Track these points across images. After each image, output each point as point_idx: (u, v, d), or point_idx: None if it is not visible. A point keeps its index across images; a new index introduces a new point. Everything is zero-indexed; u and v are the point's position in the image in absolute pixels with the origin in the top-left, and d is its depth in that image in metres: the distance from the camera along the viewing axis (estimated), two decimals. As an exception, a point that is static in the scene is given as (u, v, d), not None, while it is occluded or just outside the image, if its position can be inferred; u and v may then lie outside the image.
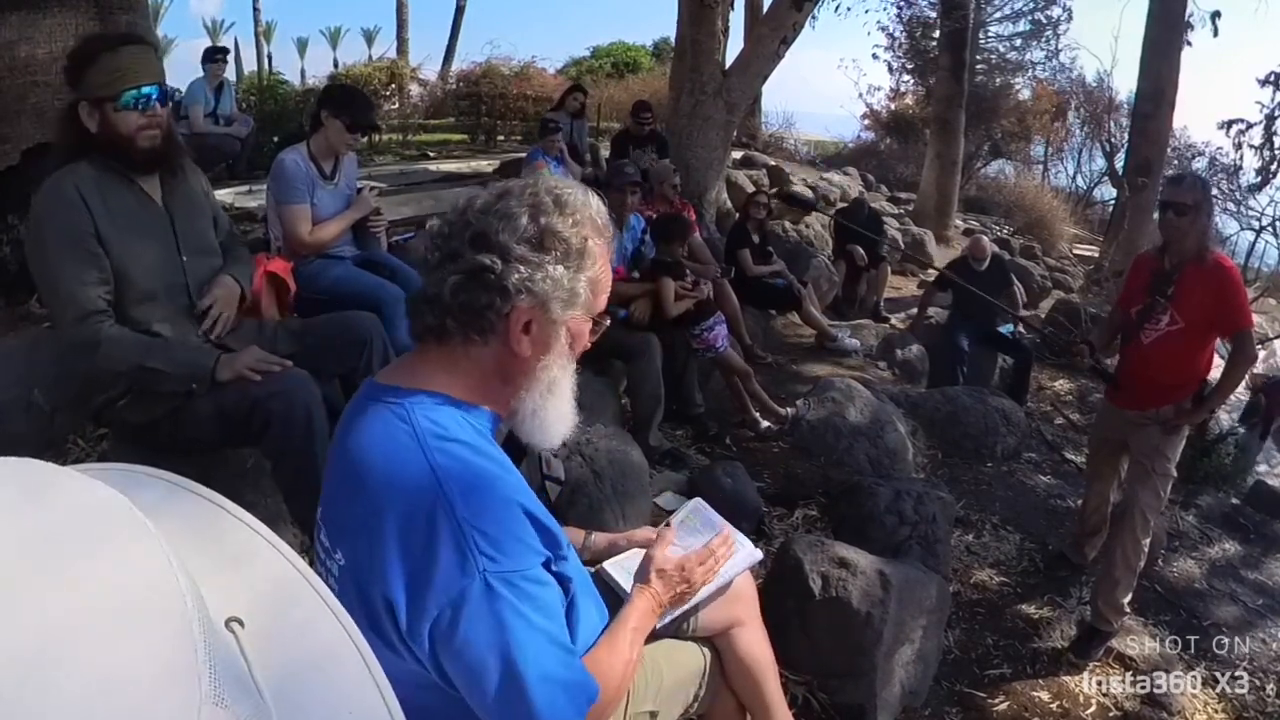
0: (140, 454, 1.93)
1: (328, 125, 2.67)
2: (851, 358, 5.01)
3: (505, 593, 0.84)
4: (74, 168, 1.68)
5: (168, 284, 1.80)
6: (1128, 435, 2.80)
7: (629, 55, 17.69)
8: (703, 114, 5.97)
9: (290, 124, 7.18)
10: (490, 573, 0.83)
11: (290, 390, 1.76)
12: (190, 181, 1.90)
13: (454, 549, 0.84)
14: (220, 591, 0.48)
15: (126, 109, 1.68)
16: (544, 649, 0.87)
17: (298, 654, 0.51)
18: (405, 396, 0.95)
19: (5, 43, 2.55)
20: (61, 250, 1.64)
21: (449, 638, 0.84)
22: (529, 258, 0.93)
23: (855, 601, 2.10)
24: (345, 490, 0.95)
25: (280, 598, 0.54)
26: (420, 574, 0.85)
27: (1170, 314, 2.65)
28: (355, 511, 0.92)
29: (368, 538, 0.88)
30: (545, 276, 0.94)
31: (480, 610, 0.83)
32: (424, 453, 0.89)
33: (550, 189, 0.97)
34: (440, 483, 0.87)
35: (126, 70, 1.68)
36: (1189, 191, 2.61)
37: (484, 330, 0.95)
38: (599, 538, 1.44)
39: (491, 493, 0.88)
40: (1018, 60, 15.59)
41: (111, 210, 1.69)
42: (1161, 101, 8.63)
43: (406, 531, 0.86)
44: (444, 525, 0.85)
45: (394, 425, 0.93)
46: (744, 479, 2.97)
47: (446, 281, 0.93)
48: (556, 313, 0.96)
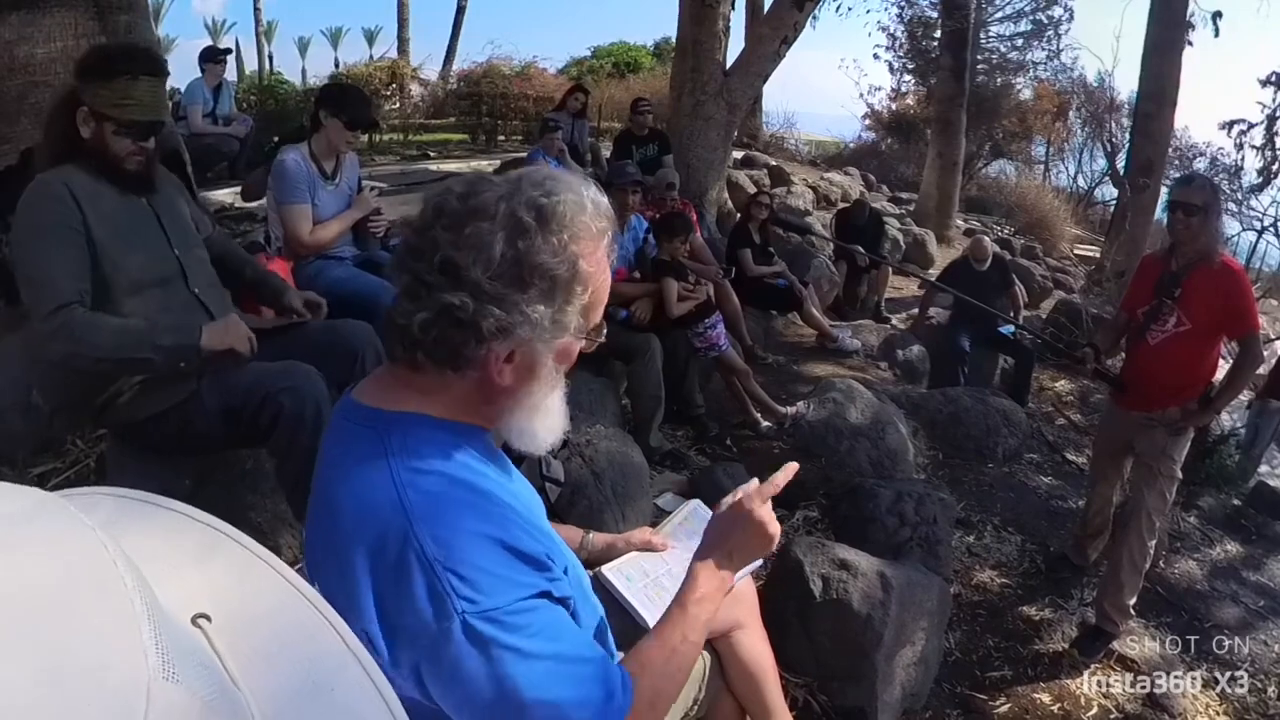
0: (140, 454, 1.92)
1: (327, 124, 2.67)
2: (852, 358, 5.00)
3: (490, 631, 0.77)
4: (63, 169, 1.68)
5: (163, 276, 1.79)
6: (1133, 437, 2.80)
7: (630, 55, 17.70)
8: (704, 114, 5.96)
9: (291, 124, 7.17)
10: (470, 614, 0.77)
11: (300, 385, 1.75)
12: (169, 186, 1.91)
13: (428, 592, 0.77)
14: (183, 590, 0.48)
15: (124, 136, 1.71)
16: (549, 675, 0.80)
17: (269, 637, 0.50)
18: (382, 420, 0.87)
19: (5, 43, 2.55)
20: (42, 242, 1.64)
21: (435, 675, 0.79)
22: (504, 297, 0.81)
23: (856, 603, 2.09)
24: (319, 518, 0.90)
25: (246, 588, 0.53)
26: (395, 616, 0.79)
27: (1177, 315, 2.64)
28: (327, 542, 0.86)
29: (339, 572, 0.82)
30: (524, 320, 0.82)
31: (466, 652, 0.77)
32: (395, 488, 0.81)
33: (533, 200, 0.82)
34: (410, 521, 0.79)
35: (140, 102, 1.70)
36: (1199, 192, 2.60)
37: (459, 366, 0.85)
38: (597, 538, 1.44)
39: (464, 530, 0.81)
40: (1019, 60, 15.60)
41: (100, 211, 1.69)
42: (1163, 101, 8.62)
43: (377, 571, 0.80)
44: (415, 567, 0.78)
45: (368, 452, 0.85)
46: (744, 480, 2.96)
47: (415, 318, 0.82)
48: (542, 343, 0.86)
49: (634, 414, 3.34)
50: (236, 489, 2.07)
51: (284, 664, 0.50)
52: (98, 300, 1.67)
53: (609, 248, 0.89)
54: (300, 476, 1.79)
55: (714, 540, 1.06)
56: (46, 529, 0.40)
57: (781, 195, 8.35)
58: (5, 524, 0.39)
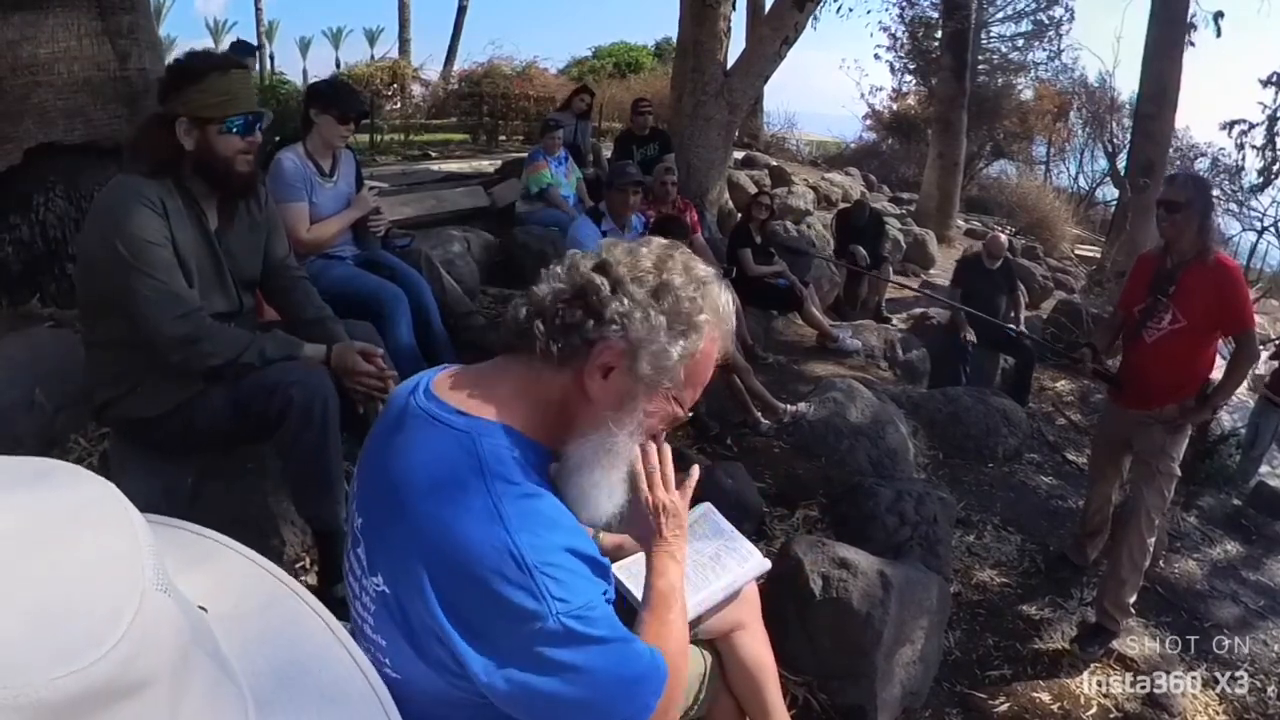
0: (142, 453, 1.93)
1: (319, 122, 2.68)
2: (853, 358, 5.01)
3: (579, 627, 0.84)
4: (149, 183, 1.67)
5: (221, 314, 1.80)
6: (1131, 435, 2.81)
7: (631, 55, 17.73)
8: (704, 114, 5.97)
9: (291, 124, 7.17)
10: (564, 614, 0.83)
11: (309, 380, 1.75)
12: (252, 209, 1.90)
13: (526, 594, 0.82)
14: (183, 588, 0.51)
15: (230, 133, 1.69)
16: (620, 654, 0.88)
17: (263, 629, 0.54)
18: (470, 426, 0.90)
19: (8, 43, 2.55)
20: (153, 247, 1.63)
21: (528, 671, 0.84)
22: (637, 295, 0.90)
23: (855, 602, 2.09)
24: (385, 508, 0.92)
25: (242, 587, 0.57)
26: (491, 619, 0.84)
27: (1172, 312, 2.66)
28: (397, 535, 0.89)
29: (419, 576, 0.85)
30: (645, 320, 0.90)
31: (559, 647, 0.83)
32: (490, 497, 0.85)
33: (687, 262, 0.95)
34: (509, 531, 0.84)
35: (235, 95, 1.69)
36: (1181, 189, 2.65)
37: (565, 350, 0.91)
38: (607, 538, 1.44)
39: (551, 540, 0.86)
40: (1020, 60, 15.64)
41: (183, 235, 1.70)
42: (1164, 102, 8.62)
43: (473, 578, 0.84)
44: (514, 572, 0.83)
45: (454, 453, 0.88)
46: (745, 479, 2.97)
47: (553, 288, 0.93)
48: (642, 368, 0.91)
49: (635, 413, 3.34)
50: (237, 487, 2.08)
51: (281, 655, 0.53)
52: None
53: (722, 349, 0.98)
54: (305, 472, 1.80)
55: (653, 536, 1.08)
56: (65, 475, 0.45)
57: (782, 196, 8.35)
58: (29, 473, 0.44)
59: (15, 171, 2.62)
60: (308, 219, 2.65)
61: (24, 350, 2.27)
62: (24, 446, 2.18)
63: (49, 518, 0.41)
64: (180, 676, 0.41)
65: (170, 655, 0.41)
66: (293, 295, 2.02)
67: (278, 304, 2.06)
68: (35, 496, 0.42)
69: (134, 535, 0.42)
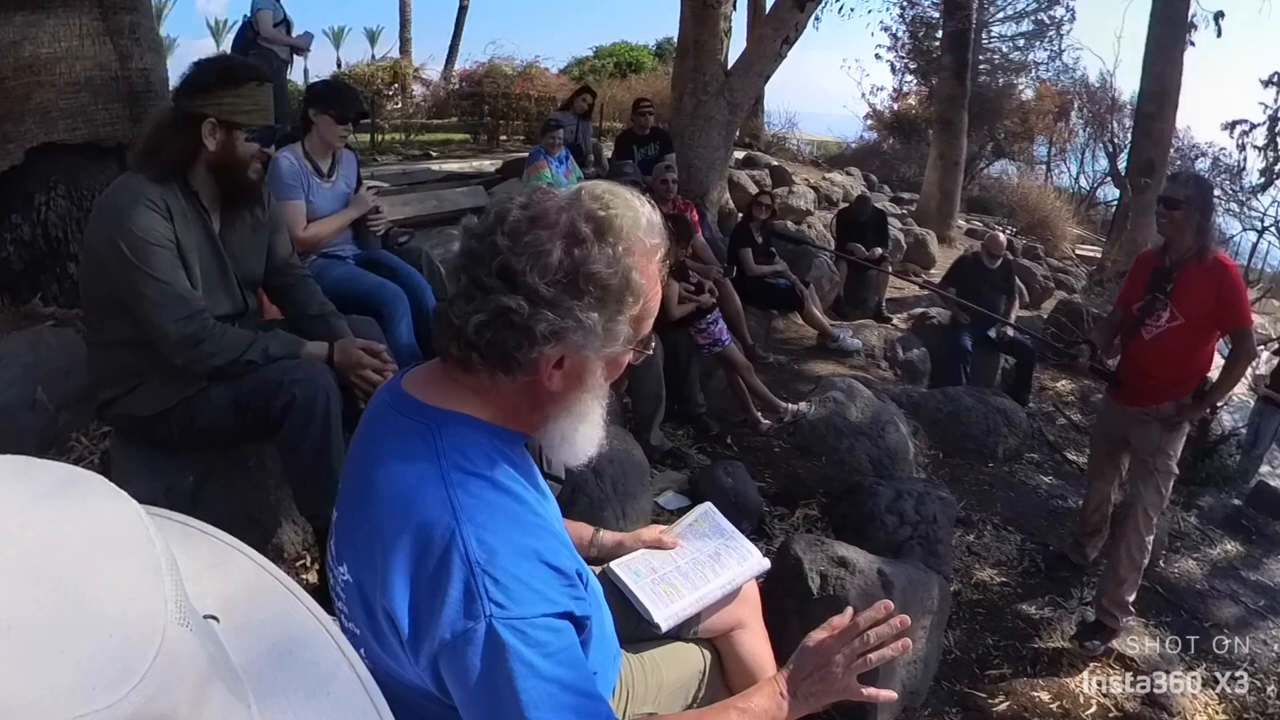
0: (143, 451, 1.94)
1: (317, 122, 2.68)
2: (853, 357, 5.01)
3: (512, 640, 0.79)
4: (152, 186, 1.69)
5: (226, 315, 1.81)
6: (1129, 432, 2.81)
7: (632, 55, 17.72)
8: (705, 114, 5.97)
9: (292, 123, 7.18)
10: (497, 618, 0.79)
11: (311, 377, 1.76)
12: (255, 210, 1.93)
13: (462, 589, 0.80)
14: (193, 595, 0.52)
15: (252, 141, 1.77)
16: (552, 698, 0.80)
17: (274, 642, 0.54)
18: (433, 417, 0.89)
19: (9, 43, 2.56)
20: (157, 250, 1.66)
21: (450, 670, 0.81)
22: (559, 302, 0.83)
23: (854, 600, 2.09)
24: (356, 502, 0.92)
25: (252, 596, 0.56)
26: (425, 608, 0.81)
27: (1170, 310, 2.67)
28: (361, 526, 0.89)
29: (372, 558, 0.85)
30: (577, 326, 0.84)
31: (483, 654, 0.79)
32: (445, 486, 0.84)
33: (591, 212, 0.85)
34: (458, 521, 0.82)
35: (265, 108, 1.78)
36: (1181, 187, 2.69)
37: (511, 369, 0.87)
38: (607, 536, 1.44)
39: (508, 537, 0.83)
40: (1021, 60, 15.60)
41: (186, 236, 1.73)
42: (1165, 102, 8.60)
43: (417, 561, 0.82)
44: (456, 563, 0.80)
45: (416, 447, 0.87)
46: (745, 478, 2.98)
47: (471, 319, 0.85)
48: (591, 354, 0.88)
49: (635, 413, 3.35)
50: (239, 485, 2.08)
51: (290, 670, 0.53)
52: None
53: (661, 263, 0.91)
54: (307, 470, 1.80)
55: (797, 671, 1.06)
56: (88, 490, 0.45)
57: (783, 195, 8.35)
58: (50, 483, 0.43)
59: (17, 171, 2.63)
60: (304, 218, 2.65)
61: (26, 349, 2.27)
62: (25, 445, 2.18)
63: (70, 543, 0.40)
64: (196, 709, 0.41)
65: (189, 691, 0.41)
66: (296, 293, 2.05)
67: (281, 301, 2.07)
68: (59, 513, 0.41)
69: (156, 564, 0.42)
